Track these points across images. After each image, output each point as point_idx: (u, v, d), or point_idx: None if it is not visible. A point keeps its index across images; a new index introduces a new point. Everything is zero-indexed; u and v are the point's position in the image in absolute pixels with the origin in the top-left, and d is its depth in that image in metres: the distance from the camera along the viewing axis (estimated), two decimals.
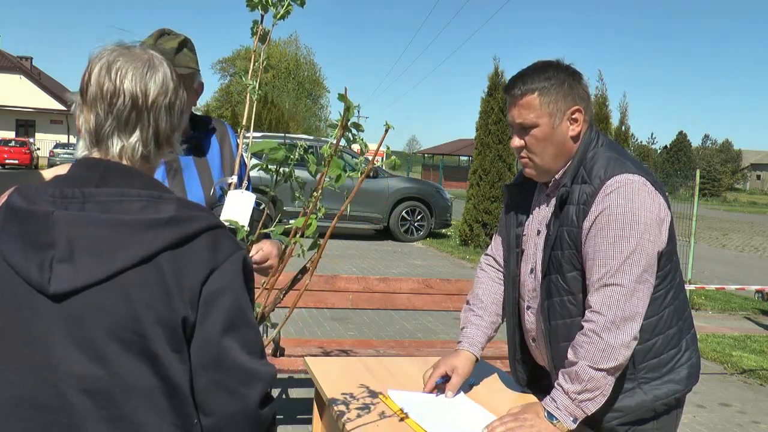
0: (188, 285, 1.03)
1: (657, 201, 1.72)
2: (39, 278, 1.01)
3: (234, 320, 1.06)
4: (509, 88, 1.84)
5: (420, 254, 11.85)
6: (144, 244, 1.01)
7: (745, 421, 4.66)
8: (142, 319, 1.00)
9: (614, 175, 1.71)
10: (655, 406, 1.80)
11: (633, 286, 1.67)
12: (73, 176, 1.10)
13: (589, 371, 1.67)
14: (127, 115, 1.09)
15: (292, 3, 1.55)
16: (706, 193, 52.25)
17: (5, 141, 33.77)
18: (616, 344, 1.66)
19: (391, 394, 1.93)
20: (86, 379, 1.00)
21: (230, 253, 1.08)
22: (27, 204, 1.05)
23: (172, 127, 1.14)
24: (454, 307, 4.04)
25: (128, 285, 1.00)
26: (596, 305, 1.70)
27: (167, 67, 1.15)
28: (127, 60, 1.10)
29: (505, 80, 12.22)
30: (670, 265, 1.80)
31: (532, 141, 1.81)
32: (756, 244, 18.28)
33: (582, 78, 1.85)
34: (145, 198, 1.06)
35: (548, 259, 1.82)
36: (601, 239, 1.71)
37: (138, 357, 1.01)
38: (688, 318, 1.89)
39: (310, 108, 54.86)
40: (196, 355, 1.05)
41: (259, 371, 1.08)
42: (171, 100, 1.13)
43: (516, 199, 2.02)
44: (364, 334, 6.24)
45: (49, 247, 1.01)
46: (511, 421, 1.70)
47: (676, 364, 1.82)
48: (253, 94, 1.64)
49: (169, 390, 1.03)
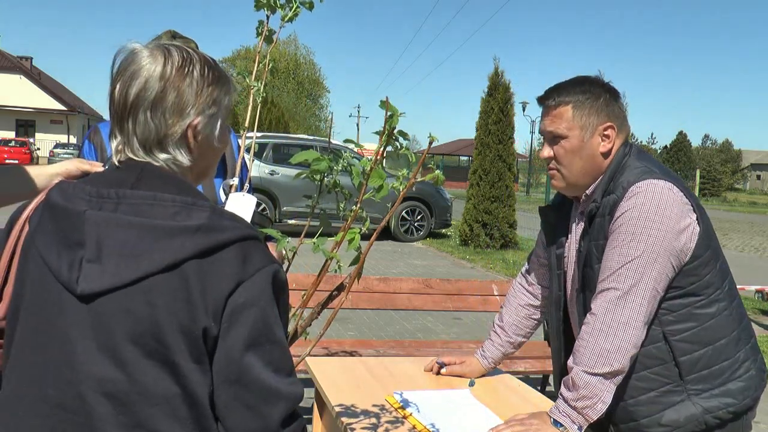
0: (213, 296, 1.00)
1: (681, 208, 1.68)
2: (68, 277, 1.00)
3: (258, 336, 1.02)
4: (544, 98, 1.83)
5: (420, 254, 11.84)
6: (170, 251, 0.99)
7: None
8: (164, 326, 0.98)
9: (638, 180, 1.70)
10: (705, 419, 1.72)
11: (632, 291, 1.64)
12: (111, 176, 1.09)
13: (584, 376, 1.65)
14: (119, 116, 1.08)
15: (301, 6, 1.55)
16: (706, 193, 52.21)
17: (5, 141, 33.83)
18: (611, 348, 1.63)
19: (396, 394, 1.93)
20: (106, 383, 0.99)
21: (260, 266, 1.04)
22: (64, 201, 1.05)
23: (157, 129, 1.07)
24: (454, 307, 4.04)
25: (152, 291, 0.98)
26: (594, 308, 1.69)
27: (165, 62, 1.08)
28: (128, 63, 1.09)
29: (506, 80, 12.30)
30: (711, 274, 1.73)
31: (561, 152, 1.80)
32: (756, 244, 18.26)
33: (619, 96, 1.84)
34: (179, 204, 1.03)
35: (581, 276, 1.82)
36: (612, 242, 1.70)
37: (159, 364, 0.99)
38: (746, 328, 1.82)
39: (310, 108, 54.87)
40: (218, 370, 1.02)
41: (281, 390, 1.04)
42: (156, 99, 1.06)
43: (553, 220, 2.01)
44: (364, 334, 6.24)
45: (80, 247, 1.00)
46: (518, 425, 1.69)
47: (732, 375, 1.74)
48: (258, 96, 1.63)
49: (188, 400, 1.01)
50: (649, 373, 1.74)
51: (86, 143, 2.23)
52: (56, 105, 41.98)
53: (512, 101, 12.28)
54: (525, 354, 4.01)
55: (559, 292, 1.97)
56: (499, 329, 2.18)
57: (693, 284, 1.71)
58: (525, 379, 2.76)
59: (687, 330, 1.72)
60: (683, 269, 1.70)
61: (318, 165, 1.39)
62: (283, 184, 12.36)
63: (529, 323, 2.18)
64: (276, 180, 12.36)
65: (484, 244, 12.31)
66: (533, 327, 2.19)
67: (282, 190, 12.40)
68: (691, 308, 1.72)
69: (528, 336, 2.20)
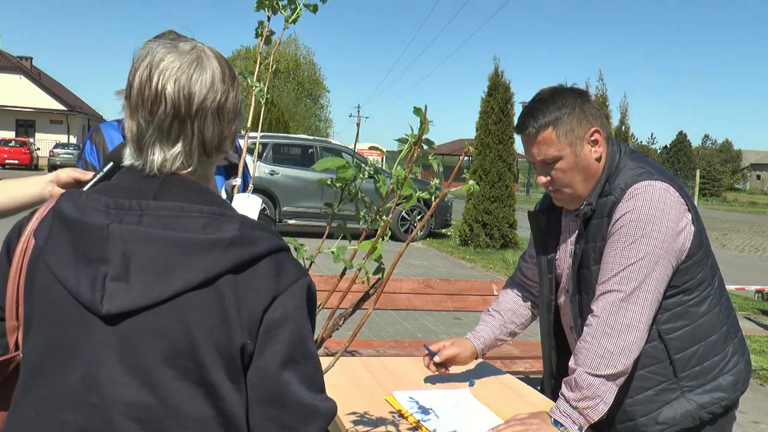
0: (248, 312, 0.95)
1: (678, 208, 1.69)
2: (90, 296, 0.93)
3: (295, 353, 0.98)
4: (521, 127, 1.78)
5: (420, 254, 11.85)
6: (205, 266, 0.94)
7: (745, 420, 4.66)
8: (200, 346, 0.93)
9: (636, 182, 1.69)
10: (700, 415, 1.75)
11: (635, 293, 1.65)
12: (127, 185, 1.01)
13: (588, 378, 1.65)
14: (168, 124, 0.99)
15: (304, 8, 1.54)
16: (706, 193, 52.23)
17: (5, 141, 33.82)
18: (615, 350, 1.64)
19: (396, 394, 1.93)
20: (136, 407, 0.93)
21: (294, 280, 1.00)
22: (78, 213, 0.97)
23: (221, 132, 1.03)
24: (454, 307, 4.04)
25: (186, 309, 0.93)
26: (596, 310, 1.69)
27: (218, 64, 1.03)
28: (171, 60, 1.00)
29: (506, 80, 12.30)
30: (703, 271, 1.76)
31: (559, 175, 1.77)
32: (756, 244, 18.27)
33: (589, 96, 1.81)
34: (207, 215, 0.98)
35: (576, 278, 1.82)
36: (613, 244, 1.70)
37: (193, 385, 0.94)
38: (734, 323, 1.85)
39: (310, 108, 54.90)
40: (253, 388, 0.98)
41: (318, 408, 1.00)
42: (220, 102, 1.02)
43: (543, 224, 1.99)
44: (364, 334, 6.24)
45: (103, 263, 0.94)
46: (518, 425, 1.69)
47: (722, 370, 1.77)
48: (260, 97, 1.63)
49: (224, 421, 0.96)
50: (646, 372, 1.76)
51: (88, 144, 2.23)
52: (56, 105, 41.96)
53: (512, 101, 12.29)
54: (525, 354, 4.02)
55: (550, 295, 1.97)
56: (495, 313, 2.16)
57: (687, 282, 1.74)
58: (525, 379, 2.76)
59: (681, 328, 1.74)
60: (679, 268, 1.72)
61: (344, 173, 1.35)
62: (283, 184, 12.39)
63: (525, 312, 2.16)
64: (276, 180, 12.38)
65: (484, 244, 12.32)
66: (527, 319, 2.18)
67: (282, 190, 12.42)
68: (684, 306, 1.74)
69: (522, 327, 2.17)
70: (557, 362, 2.02)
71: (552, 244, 1.96)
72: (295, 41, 56.41)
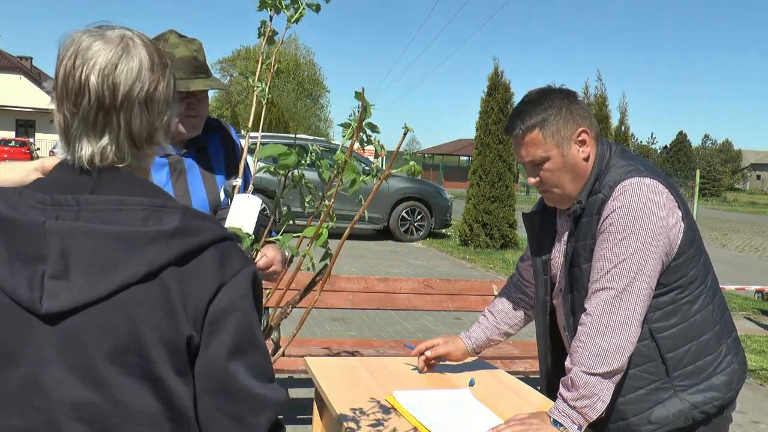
0: (193, 303, 0.94)
1: (667, 204, 1.70)
2: (28, 296, 0.90)
3: (242, 343, 0.97)
4: (510, 129, 1.81)
5: (420, 254, 11.84)
6: (148, 259, 0.92)
7: (745, 421, 4.65)
8: (146, 340, 0.91)
9: (624, 179, 1.70)
10: (693, 415, 1.74)
11: (627, 290, 1.66)
12: (62, 180, 0.98)
13: (584, 377, 1.66)
14: (93, 116, 0.96)
15: (307, 8, 1.54)
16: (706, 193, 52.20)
17: (5, 141, 33.86)
18: (610, 348, 1.65)
19: (397, 394, 1.93)
20: (82, 407, 0.91)
21: (239, 269, 0.99)
22: (11, 211, 0.93)
23: (150, 123, 1.00)
24: (454, 307, 4.05)
25: (130, 303, 0.91)
26: (590, 308, 1.70)
27: (146, 52, 0.99)
28: (96, 50, 0.96)
29: (506, 80, 12.30)
30: (695, 269, 1.76)
31: (548, 175, 1.79)
32: (756, 244, 18.27)
33: (577, 96, 1.83)
34: (147, 207, 0.95)
35: (568, 277, 1.82)
36: (603, 242, 1.71)
37: (140, 380, 0.92)
38: (728, 323, 1.84)
39: (310, 108, 54.94)
40: (201, 380, 0.96)
41: (267, 397, 0.99)
42: (149, 92, 0.98)
43: (538, 226, 2.01)
44: (364, 334, 6.25)
45: (40, 262, 0.90)
46: (518, 425, 1.69)
47: (715, 370, 1.77)
48: (262, 97, 1.63)
49: (173, 414, 0.95)
50: (638, 371, 1.76)
51: None
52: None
53: (512, 101, 12.28)
54: (525, 354, 4.02)
55: (546, 297, 1.98)
56: (489, 313, 2.20)
57: (679, 280, 1.74)
58: (525, 379, 2.76)
59: (673, 326, 1.74)
60: (670, 266, 1.72)
61: (286, 159, 1.33)
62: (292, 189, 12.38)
63: (519, 314, 2.18)
64: (275, 180, 12.38)
65: (484, 244, 12.32)
66: (520, 320, 2.19)
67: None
68: (677, 304, 1.74)
69: (515, 328, 2.19)
70: (553, 363, 2.03)
71: (547, 245, 1.97)
72: (295, 41, 56.54)
